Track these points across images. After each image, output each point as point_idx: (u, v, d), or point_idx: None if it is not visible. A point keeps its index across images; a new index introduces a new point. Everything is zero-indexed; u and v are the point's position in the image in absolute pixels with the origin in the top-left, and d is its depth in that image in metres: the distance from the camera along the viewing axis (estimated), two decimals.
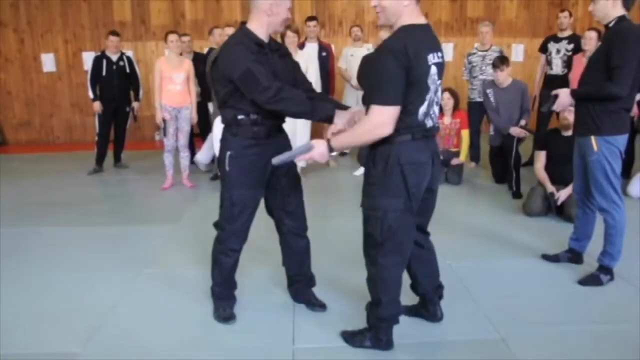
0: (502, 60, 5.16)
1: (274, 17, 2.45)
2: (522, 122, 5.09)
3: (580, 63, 5.15)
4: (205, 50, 6.50)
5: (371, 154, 2.18)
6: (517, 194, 4.91)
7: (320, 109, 2.40)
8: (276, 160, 2.27)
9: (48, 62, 8.50)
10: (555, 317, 2.73)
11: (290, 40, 5.39)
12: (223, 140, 2.59)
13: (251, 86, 2.34)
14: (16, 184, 5.75)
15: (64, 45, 8.53)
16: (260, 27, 2.47)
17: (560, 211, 4.18)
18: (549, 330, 2.59)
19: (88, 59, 8.27)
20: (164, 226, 4.28)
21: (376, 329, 2.39)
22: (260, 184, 2.61)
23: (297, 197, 2.76)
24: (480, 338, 2.53)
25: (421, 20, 2.13)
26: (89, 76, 6.21)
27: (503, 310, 2.76)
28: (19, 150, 8.11)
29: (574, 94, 3.00)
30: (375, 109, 2.04)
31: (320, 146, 2.22)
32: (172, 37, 5.30)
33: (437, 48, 2.16)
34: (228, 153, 2.53)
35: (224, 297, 2.82)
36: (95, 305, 2.92)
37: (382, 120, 2.04)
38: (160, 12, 8.48)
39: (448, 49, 8.52)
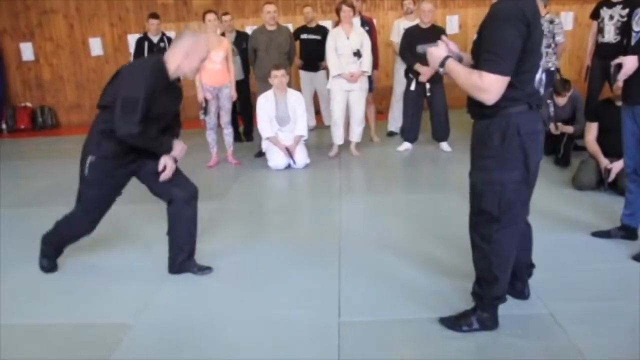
0: (564, 86, 4.92)
1: (188, 61, 2.69)
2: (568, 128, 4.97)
3: None
4: (246, 29, 6.52)
5: (484, 127, 2.11)
6: (562, 161, 4.78)
7: (164, 143, 2.77)
8: (420, 48, 2.28)
9: (96, 46, 8.73)
10: (606, 293, 2.63)
11: (346, 15, 5.35)
12: (86, 146, 2.82)
13: (126, 112, 2.56)
14: (70, 164, 5.95)
15: (110, 29, 8.72)
16: (173, 66, 2.70)
17: (613, 185, 4.02)
18: (600, 306, 2.50)
19: (133, 41, 8.43)
20: (210, 203, 4.34)
21: (490, 308, 2.32)
22: (118, 187, 2.93)
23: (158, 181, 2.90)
24: (528, 313, 2.47)
25: None
26: (132, 58, 6.35)
27: (552, 285, 2.69)
28: (70, 132, 8.39)
29: None
30: (489, 76, 1.97)
31: (440, 50, 2.17)
32: (210, 17, 5.32)
33: (540, 14, 2.09)
34: (90, 158, 2.78)
35: (51, 255, 3.11)
36: (145, 278, 3.02)
37: (490, 87, 1.97)
38: None
39: None
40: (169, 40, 6.46)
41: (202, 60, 2.75)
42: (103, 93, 2.78)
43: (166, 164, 2.80)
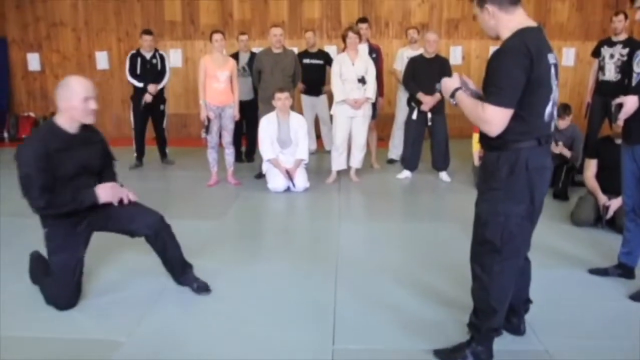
0: (565, 110, 5.05)
1: (72, 110, 2.71)
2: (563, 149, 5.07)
3: None
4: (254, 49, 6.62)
5: (493, 159, 2.13)
6: (561, 194, 4.84)
7: (84, 197, 2.76)
8: (438, 86, 2.33)
9: (102, 59, 8.80)
10: (602, 331, 2.63)
11: (352, 41, 5.43)
12: (40, 218, 2.85)
13: (25, 190, 2.67)
14: None
15: (117, 44, 8.80)
16: (66, 120, 2.75)
17: (611, 222, 4.03)
18: (595, 344, 2.50)
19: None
20: (208, 222, 4.35)
21: (486, 341, 2.30)
22: (81, 244, 2.90)
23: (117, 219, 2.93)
24: (523, 348, 2.47)
25: (531, 23, 2.09)
26: (127, 73, 6.37)
27: (547, 321, 2.68)
28: None
29: None
30: (490, 107, 2.01)
31: (453, 80, 2.23)
32: (217, 37, 5.34)
33: (551, 49, 2.11)
34: (45, 230, 2.83)
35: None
36: (140, 297, 3.00)
37: (492, 119, 2.01)
38: (209, 11, 8.64)
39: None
40: (161, 57, 6.43)
41: (87, 99, 2.71)
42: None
43: (114, 200, 2.82)
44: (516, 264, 2.24)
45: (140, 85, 6.30)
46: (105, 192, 2.81)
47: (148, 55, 6.33)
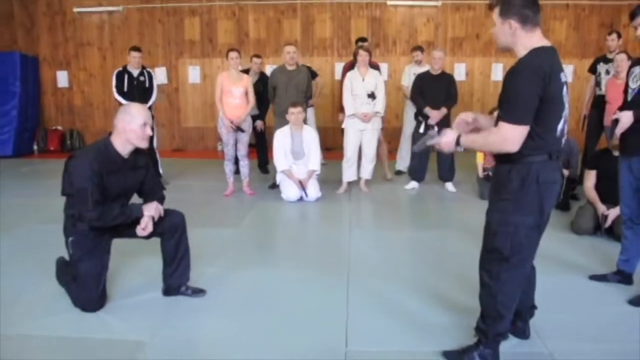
0: None
1: (129, 133, 2.72)
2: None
3: (614, 85, 4.97)
4: (267, 68, 6.65)
5: (505, 171, 2.13)
6: (562, 205, 4.81)
7: (132, 211, 2.81)
8: (415, 148, 2.30)
9: None
10: (603, 335, 2.61)
11: (363, 58, 5.48)
12: (65, 229, 2.87)
13: (80, 202, 2.67)
14: None
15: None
16: (121, 142, 2.76)
17: (609, 231, 4.01)
18: (598, 347, 2.48)
19: (160, 73, 8.64)
20: (224, 230, 4.38)
21: (493, 344, 2.30)
22: (106, 252, 2.92)
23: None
24: (528, 351, 2.45)
25: (546, 42, 2.09)
26: (114, 90, 5.92)
27: (551, 325, 2.67)
28: None
29: (637, 115, 2.88)
30: (505, 125, 2.00)
31: (448, 135, 2.21)
32: (233, 54, 5.39)
33: (562, 68, 2.12)
34: (70, 239, 2.83)
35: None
36: (163, 299, 3.02)
37: (509, 136, 2.00)
38: (226, 31, 8.76)
39: (497, 69, 8.44)
40: (149, 74, 6.02)
41: (145, 125, 2.74)
42: (62, 182, 2.81)
43: (147, 225, 2.83)
44: (523, 272, 2.23)
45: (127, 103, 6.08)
46: (151, 210, 2.84)
47: (135, 73, 5.92)
